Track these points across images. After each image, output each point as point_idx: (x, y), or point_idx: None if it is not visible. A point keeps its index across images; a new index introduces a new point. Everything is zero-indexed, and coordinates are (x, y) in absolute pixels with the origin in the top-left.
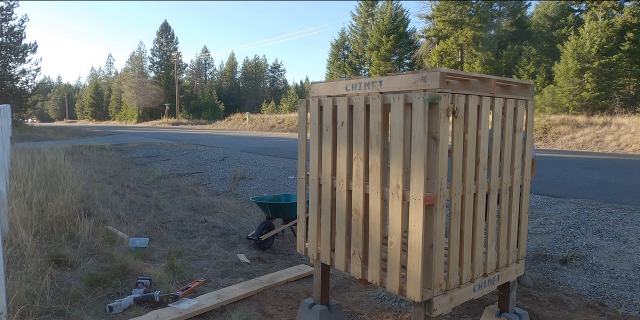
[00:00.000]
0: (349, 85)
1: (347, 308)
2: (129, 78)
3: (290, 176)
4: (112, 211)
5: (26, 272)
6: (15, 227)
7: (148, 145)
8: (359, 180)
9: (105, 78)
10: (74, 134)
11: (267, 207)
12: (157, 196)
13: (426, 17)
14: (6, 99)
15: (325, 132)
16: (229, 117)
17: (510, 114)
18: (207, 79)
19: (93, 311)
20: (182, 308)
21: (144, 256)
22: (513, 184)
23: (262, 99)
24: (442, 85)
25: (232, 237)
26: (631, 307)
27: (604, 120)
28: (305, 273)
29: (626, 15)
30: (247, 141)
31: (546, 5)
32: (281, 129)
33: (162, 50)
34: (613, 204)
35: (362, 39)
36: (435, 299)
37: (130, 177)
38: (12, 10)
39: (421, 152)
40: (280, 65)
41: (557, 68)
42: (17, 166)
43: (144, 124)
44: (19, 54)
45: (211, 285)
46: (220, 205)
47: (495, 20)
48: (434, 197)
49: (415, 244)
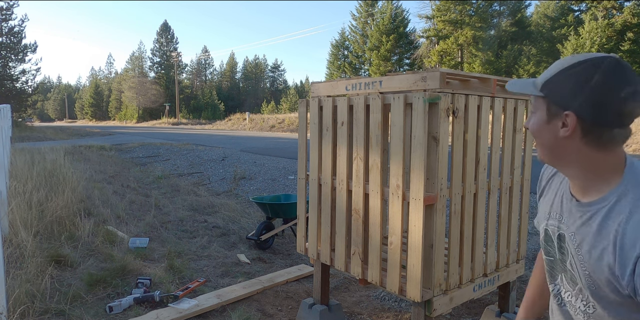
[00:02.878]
0: (349, 85)
1: (347, 308)
2: (129, 78)
3: (290, 176)
4: (112, 211)
5: (26, 272)
6: (15, 227)
7: (148, 145)
8: (359, 180)
9: (105, 78)
10: (73, 134)
11: (267, 207)
12: (157, 196)
13: (426, 17)
14: (6, 99)
15: (325, 132)
16: (229, 117)
17: (510, 114)
18: (207, 79)
19: (93, 311)
20: (182, 308)
21: (144, 256)
22: (513, 184)
23: (262, 99)
24: (442, 85)
25: (232, 237)
26: None
27: None
28: (305, 273)
29: (626, 15)
30: (247, 141)
31: (546, 5)
32: (281, 129)
33: (162, 50)
34: None
35: (362, 39)
36: (435, 299)
37: (130, 177)
38: (12, 10)
39: (421, 152)
40: (280, 65)
41: None
42: (17, 166)
43: (144, 124)
44: (19, 54)
45: (211, 285)
46: (220, 205)
47: (495, 20)
48: (434, 197)
49: (415, 244)
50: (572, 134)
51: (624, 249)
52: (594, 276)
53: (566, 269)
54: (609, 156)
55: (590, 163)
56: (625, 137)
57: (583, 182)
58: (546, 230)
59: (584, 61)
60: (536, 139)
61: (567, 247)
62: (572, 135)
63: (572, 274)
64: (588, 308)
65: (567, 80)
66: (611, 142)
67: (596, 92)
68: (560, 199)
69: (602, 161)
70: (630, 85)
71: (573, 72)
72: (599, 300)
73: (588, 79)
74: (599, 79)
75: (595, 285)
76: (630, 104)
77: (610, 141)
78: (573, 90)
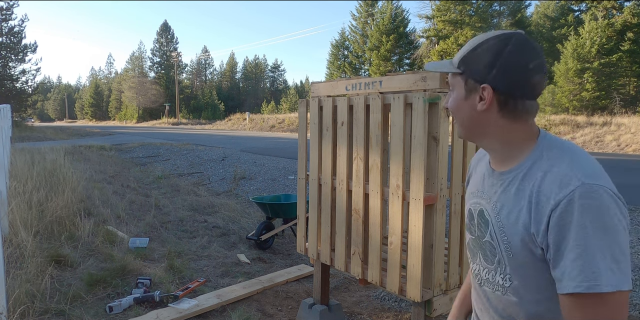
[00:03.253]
0: (349, 85)
1: (347, 308)
2: (129, 78)
3: (290, 176)
4: (112, 211)
5: (26, 272)
6: (15, 227)
7: (148, 145)
8: (359, 180)
9: (105, 78)
10: (73, 134)
11: (267, 207)
12: (157, 196)
13: (426, 17)
14: (6, 99)
15: (325, 132)
16: (229, 117)
17: None
18: (207, 79)
19: (93, 311)
20: (182, 308)
21: (144, 256)
22: None
23: (262, 99)
24: (442, 85)
25: (232, 237)
26: (631, 307)
27: (604, 120)
28: (305, 273)
29: (626, 15)
30: (247, 141)
31: (546, 5)
32: (281, 129)
33: (162, 50)
34: None
35: (362, 39)
36: (435, 299)
37: (130, 177)
38: (12, 10)
39: (421, 152)
40: (280, 65)
41: (557, 68)
42: (17, 166)
43: (144, 124)
44: (19, 54)
45: (211, 285)
46: (220, 205)
47: (495, 20)
48: (434, 197)
49: (415, 244)
50: (490, 107)
51: (539, 204)
52: (512, 241)
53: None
54: (524, 126)
55: (507, 134)
56: (536, 109)
57: (501, 155)
58: (469, 209)
59: (495, 37)
60: (455, 116)
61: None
62: (490, 108)
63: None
64: (505, 281)
65: (481, 56)
66: (525, 113)
67: (509, 64)
68: (482, 176)
69: (519, 132)
70: (538, 58)
71: (486, 47)
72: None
73: (500, 53)
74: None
75: (512, 251)
76: (538, 76)
77: (524, 112)
78: (487, 64)
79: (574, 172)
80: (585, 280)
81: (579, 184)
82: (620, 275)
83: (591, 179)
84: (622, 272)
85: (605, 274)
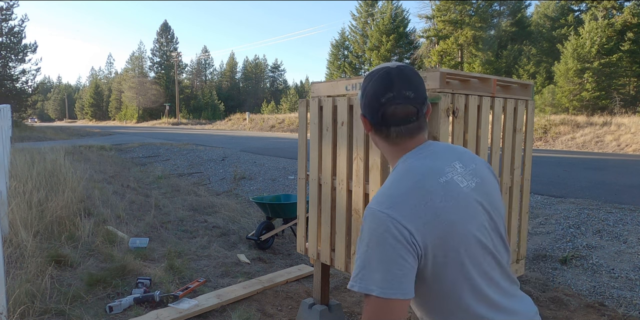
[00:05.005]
0: (349, 85)
1: (347, 308)
2: (129, 78)
3: (290, 176)
4: (112, 211)
5: (26, 272)
6: (15, 227)
7: (148, 145)
8: (359, 180)
9: (105, 78)
10: (74, 134)
11: (267, 207)
12: (157, 196)
13: (426, 17)
14: (6, 99)
15: (325, 132)
16: (229, 117)
17: (510, 114)
18: (207, 79)
19: (93, 311)
20: (182, 308)
21: (144, 256)
22: (513, 184)
23: (262, 99)
24: (442, 85)
25: (232, 237)
26: (631, 307)
27: (604, 120)
28: (305, 273)
29: (626, 15)
30: (247, 141)
31: (546, 5)
32: (281, 129)
33: (162, 50)
34: (613, 204)
35: (362, 39)
36: None
37: (130, 177)
38: (12, 10)
39: None
40: (280, 65)
41: (557, 68)
42: (17, 166)
43: (144, 124)
44: (19, 54)
45: (211, 285)
46: (220, 205)
47: (495, 20)
48: None
49: None
50: (370, 131)
51: None
52: None
53: None
54: (397, 147)
55: (386, 152)
56: (407, 132)
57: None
58: None
59: (368, 73)
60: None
61: None
62: (370, 132)
63: None
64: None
65: (360, 89)
66: (396, 137)
67: (366, 99)
68: None
69: (393, 151)
70: (391, 91)
71: (362, 82)
72: None
73: (364, 88)
74: (368, 88)
75: None
76: (390, 107)
77: (395, 136)
78: (360, 97)
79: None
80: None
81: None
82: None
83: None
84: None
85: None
